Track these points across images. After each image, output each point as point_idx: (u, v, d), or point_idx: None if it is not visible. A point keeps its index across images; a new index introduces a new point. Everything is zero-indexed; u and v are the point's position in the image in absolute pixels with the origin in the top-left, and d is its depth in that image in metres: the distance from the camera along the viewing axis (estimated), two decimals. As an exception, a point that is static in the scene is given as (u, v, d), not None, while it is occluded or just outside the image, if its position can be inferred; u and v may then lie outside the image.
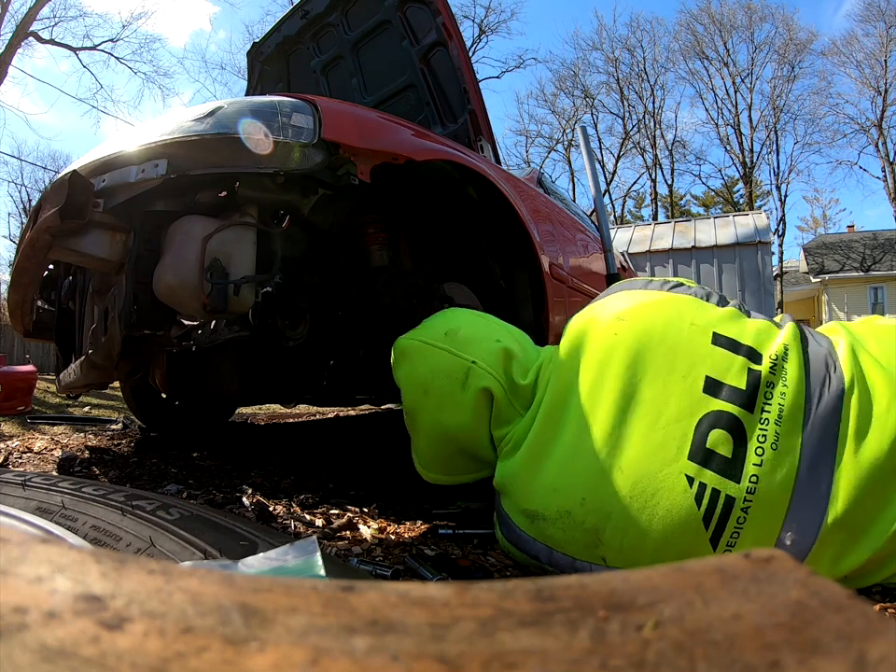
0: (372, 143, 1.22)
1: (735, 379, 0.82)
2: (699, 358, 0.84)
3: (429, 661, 0.16)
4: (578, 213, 3.21)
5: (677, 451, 0.79)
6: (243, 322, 1.35)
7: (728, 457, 0.78)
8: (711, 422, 0.80)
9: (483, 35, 22.08)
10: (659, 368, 0.84)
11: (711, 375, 0.82)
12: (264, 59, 2.83)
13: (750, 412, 0.80)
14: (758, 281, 8.47)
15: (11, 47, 12.91)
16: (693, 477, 0.77)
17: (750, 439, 0.78)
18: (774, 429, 0.79)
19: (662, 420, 0.81)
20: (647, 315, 0.91)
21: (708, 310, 0.92)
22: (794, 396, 0.81)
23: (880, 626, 0.17)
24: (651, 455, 0.80)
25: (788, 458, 0.77)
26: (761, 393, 0.81)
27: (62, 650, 0.16)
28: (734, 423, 0.79)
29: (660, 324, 0.89)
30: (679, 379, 0.83)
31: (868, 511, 0.76)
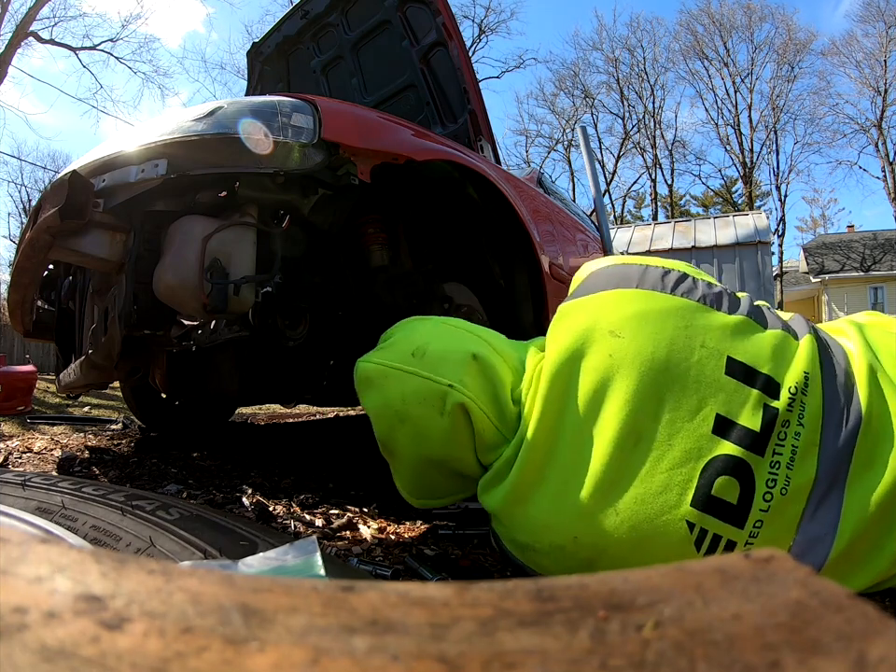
0: (372, 143, 1.22)
1: (748, 418, 0.73)
2: (710, 392, 0.74)
3: (429, 661, 0.16)
4: (578, 213, 3.21)
5: (679, 497, 0.73)
6: (243, 322, 1.35)
7: (733, 504, 0.72)
8: (718, 467, 0.73)
9: (483, 35, 22.09)
10: (663, 401, 0.75)
11: (723, 413, 0.74)
12: (264, 59, 2.84)
13: (761, 455, 0.73)
14: (758, 281, 8.47)
15: (11, 47, 12.91)
16: (695, 523, 0.72)
17: (759, 483, 0.72)
18: (785, 474, 0.73)
19: (665, 462, 0.74)
20: (648, 332, 0.77)
21: (719, 322, 0.79)
22: (810, 435, 0.74)
23: (880, 626, 0.17)
24: (652, 499, 0.73)
25: (796, 501, 0.73)
26: (774, 434, 0.73)
27: (62, 650, 0.16)
28: (742, 468, 0.73)
29: (664, 345, 0.76)
30: (687, 416, 0.74)
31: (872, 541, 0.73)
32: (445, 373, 0.83)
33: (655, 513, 0.73)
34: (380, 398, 0.87)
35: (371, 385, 0.88)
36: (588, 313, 0.83)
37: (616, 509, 0.74)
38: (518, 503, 0.81)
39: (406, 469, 0.94)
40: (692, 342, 0.77)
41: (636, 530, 0.73)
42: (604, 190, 20.16)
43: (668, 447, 0.74)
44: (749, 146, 22.14)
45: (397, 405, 0.85)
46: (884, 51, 20.04)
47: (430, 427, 0.84)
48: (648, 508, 0.73)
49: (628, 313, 0.79)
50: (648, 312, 0.79)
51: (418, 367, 0.84)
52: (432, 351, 0.85)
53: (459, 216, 1.63)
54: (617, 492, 0.74)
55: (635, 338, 0.77)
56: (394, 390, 0.85)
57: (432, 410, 0.83)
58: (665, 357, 0.76)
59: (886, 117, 20.19)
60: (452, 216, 1.65)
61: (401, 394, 0.84)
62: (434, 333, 0.90)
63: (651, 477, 0.74)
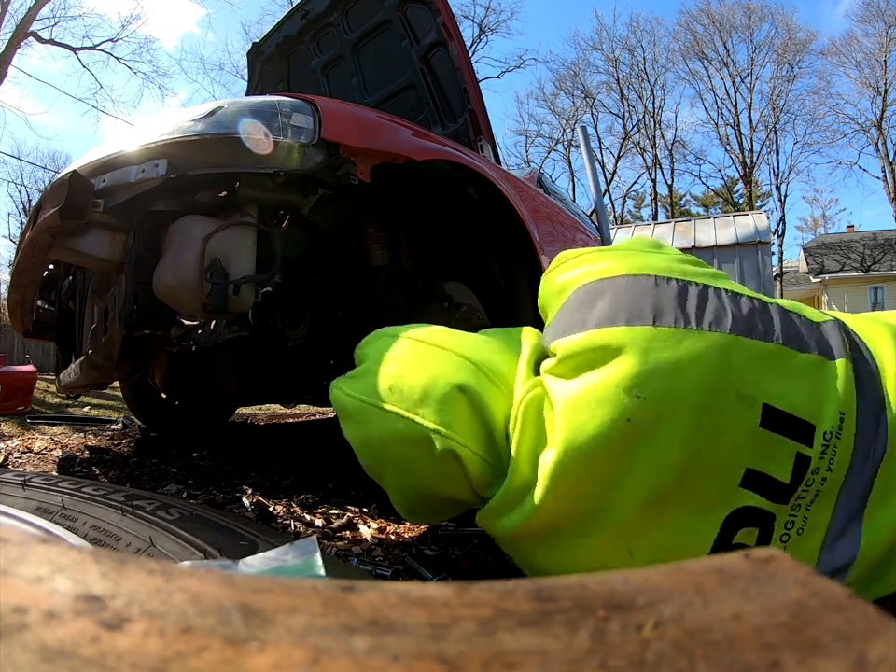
0: (372, 143, 1.23)
1: (779, 470, 0.67)
2: (743, 447, 0.67)
3: (429, 661, 0.16)
4: (578, 213, 3.21)
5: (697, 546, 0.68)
6: (243, 322, 1.35)
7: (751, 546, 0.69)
8: (741, 518, 0.68)
9: (483, 35, 22.10)
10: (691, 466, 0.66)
11: (753, 468, 0.67)
12: (265, 59, 2.84)
13: (785, 503, 0.68)
14: (758, 281, 8.47)
15: (11, 47, 12.92)
16: None
17: (777, 527, 0.69)
18: (803, 515, 0.69)
19: (685, 516, 0.68)
20: (677, 391, 0.64)
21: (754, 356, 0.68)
22: (835, 478, 0.69)
23: (880, 626, 0.17)
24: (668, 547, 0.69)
25: (813, 536, 0.70)
26: (803, 482, 0.68)
27: (62, 650, 0.16)
28: (764, 517, 0.68)
29: (696, 404, 0.65)
30: (715, 474, 0.67)
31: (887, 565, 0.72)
32: (428, 414, 0.71)
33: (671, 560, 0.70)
34: (360, 433, 0.77)
35: (349, 419, 0.78)
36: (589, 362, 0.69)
37: (631, 552, 0.70)
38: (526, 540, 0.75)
39: (398, 496, 0.86)
40: (726, 394, 0.66)
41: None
42: (604, 190, 20.15)
43: (693, 503, 0.68)
44: (749, 146, 22.17)
45: (378, 444, 0.76)
46: (884, 51, 20.05)
47: (417, 467, 0.75)
48: (664, 555, 0.69)
49: (648, 365, 0.65)
50: (676, 362, 0.65)
51: (397, 405, 0.72)
52: (410, 384, 0.73)
53: (459, 216, 1.63)
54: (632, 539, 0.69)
55: (659, 399, 0.64)
56: (374, 430, 0.75)
57: (419, 450, 0.73)
58: (698, 419, 0.65)
59: (886, 117, 20.22)
60: (452, 216, 1.65)
61: (381, 434, 0.74)
62: (411, 359, 0.76)
63: (671, 528, 0.69)
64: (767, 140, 22.06)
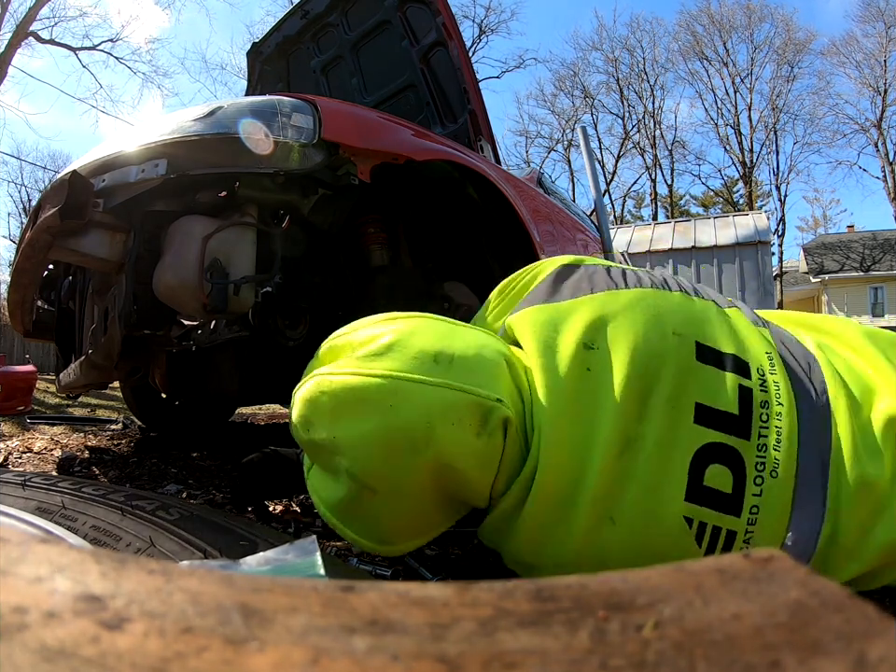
0: (372, 143, 1.23)
1: (725, 403, 0.72)
2: (687, 381, 0.72)
3: (429, 661, 0.16)
4: (578, 213, 3.21)
5: (672, 493, 0.70)
6: (243, 322, 1.35)
7: (727, 493, 0.71)
8: (706, 457, 0.71)
9: (483, 35, 22.11)
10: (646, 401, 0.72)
11: (701, 402, 0.72)
12: (264, 59, 2.84)
13: (747, 438, 0.72)
14: (758, 281, 8.47)
15: (11, 47, 12.92)
16: (692, 518, 0.70)
17: (749, 468, 0.71)
18: (773, 456, 0.71)
19: (653, 462, 0.71)
20: (621, 335, 0.74)
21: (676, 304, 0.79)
22: (789, 415, 0.73)
23: (880, 626, 0.17)
24: (646, 502, 0.71)
25: (786, 483, 0.72)
26: (756, 416, 0.72)
27: (62, 650, 0.16)
28: (731, 454, 0.71)
29: (641, 342, 0.73)
30: (668, 410, 0.71)
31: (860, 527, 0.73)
32: (485, 384, 0.67)
33: (651, 515, 0.71)
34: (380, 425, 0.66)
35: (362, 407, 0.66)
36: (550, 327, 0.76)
37: (613, 518, 0.71)
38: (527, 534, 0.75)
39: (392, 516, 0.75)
40: (664, 330, 0.75)
41: (635, 536, 0.71)
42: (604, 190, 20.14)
43: (655, 446, 0.71)
44: (748, 146, 22.17)
45: (415, 429, 0.65)
46: (884, 51, 20.05)
47: (460, 452, 0.67)
48: (643, 511, 0.71)
49: (595, 320, 0.75)
50: (615, 313, 0.76)
51: (447, 377, 0.66)
52: (461, 355, 0.68)
53: (459, 215, 1.64)
54: (612, 502, 0.71)
55: (610, 345, 0.74)
56: (412, 411, 0.65)
57: (466, 431, 0.66)
58: (644, 353, 0.73)
59: (886, 117, 20.22)
60: (452, 215, 1.65)
61: (426, 414, 0.65)
62: (445, 332, 0.73)
63: (642, 479, 0.71)
64: (767, 140, 22.08)
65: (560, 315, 0.78)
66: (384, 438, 0.66)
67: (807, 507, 0.73)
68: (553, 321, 0.77)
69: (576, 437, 0.71)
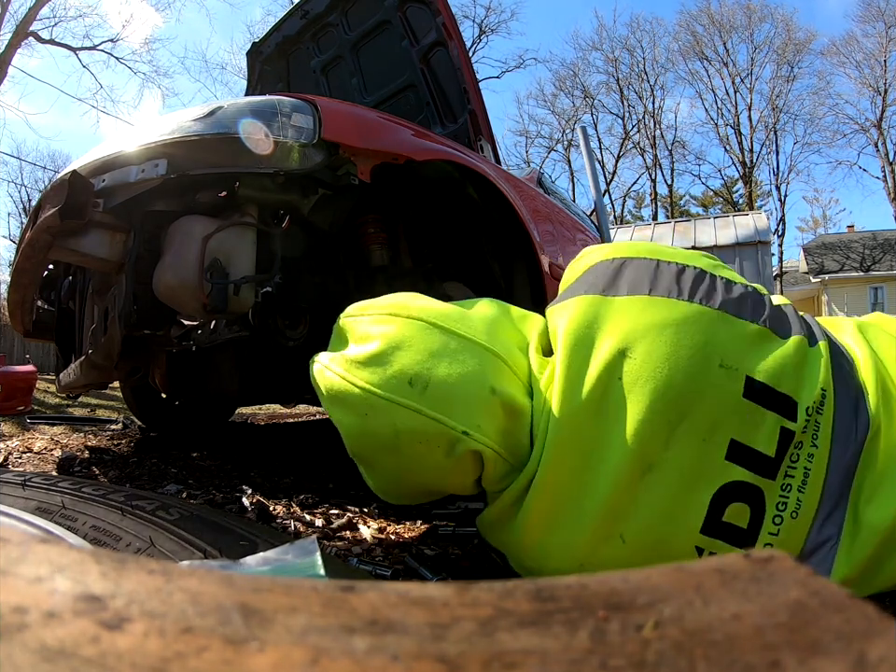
0: (372, 143, 1.23)
1: (763, 443, 0.70)
2: (726, 417, 0.70)
3: (429, 661, 0.16)
4: (578, 213, 3.21)
5: (689, 524, 0.70)
6: (243, 322, 1.35)
7: (744, 528, 0.70)
8: (730, 493, 0.69)
9: (483, 35, 22.12)
10: (676, 429, 0.69)
11: (738, 439, 0.69)
12: (264, 59, 2.84)
13: (772, 479, 0.70)
14: (758, 281, 8.40)
15: (11, 47, 12.92)
16: (704, 548, 0.70)
17: (769, 507, 0.70)
18: (796, 497, 0.70)
19: (675, 491, 0.70)
20: (663, 353, 0.69)
21: (740, 334, 0.73)
22: (821, 457, 0.71)
23: (880, 626, 0.17)
24: (660, 527, 0.70)
25: (804, 522, 0.71)
26: (787, 456, 0.70)
27: (62, 650, 0.16)
28: (753, 493, 0.70)
29: (681, 367, 0.69)
30: (700, 443, 0.69)
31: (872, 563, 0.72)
32: (457, 415, 0.68)
33: (663, 540, 0.71)
34: (358, 423, 0.72)
35: (344, 406, 0.73)
36: (592, 324, 0.73)
37: (623, 537, 0.71)
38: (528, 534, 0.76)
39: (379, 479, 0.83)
40: (710, 361, 0.70)
41: (642, 557, 0.70)
42: (604, 190, 20.14)
43: (679, 476, 0.69)
44: (748, 146, 22.18)
45: (385, 438, 0.71)
46: (884, 51, 20.05)
47: (427, 464, 0.72)
48: (655, 535, 0.70)
49: (640, 327, 0.71)
50: (663, 326, 0.71)
51: (419, 402, 0.67)
52: (438, 382, 0.68)
53: (459, 215, 1.63)
54: (624, 521, 0.71)
55: (648, 359, 0.69)
56: (383, 425, 0.69)
57: (434, 452, 0.70)
58: (682, 380, 0.69)
59: (886, 117, 20.23)
60: (452, 215, 1.65)
61: (395, 430, 0.69)
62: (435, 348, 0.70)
63: (661, 505, 0.70)
64: (767, 140, 22.08)
65: (608, 312, 0.74)
66: (360, 433, 0.74)
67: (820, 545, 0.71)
68: (596, 316, 0.74)
69: (589, 442, 0.70)
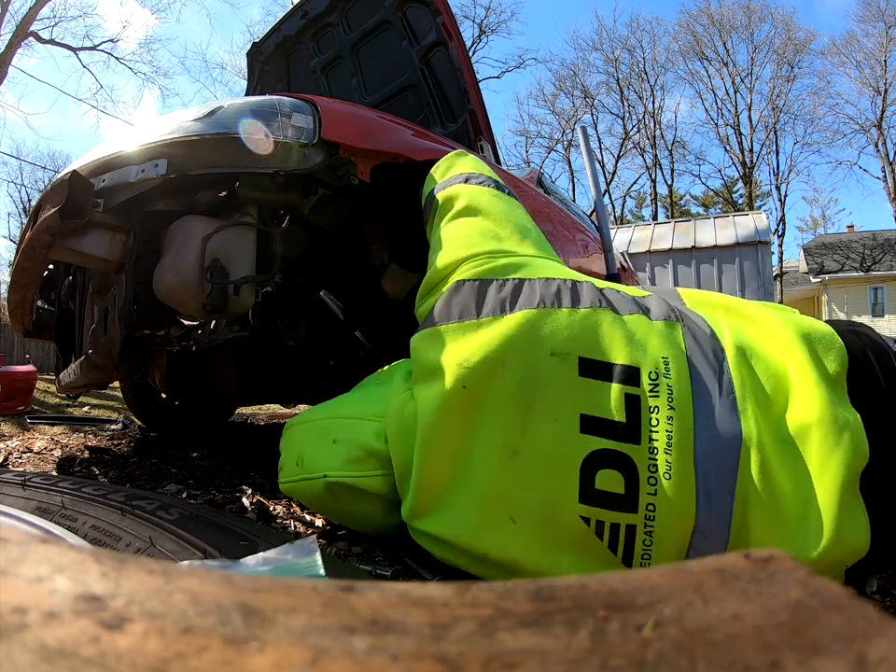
0: (372, 143, 1.23)
1: (612, 412, 0.75)
2: (569, 395, 0.76)
3: (429, 661, 0.16)
4: (578, 213, 3.21)
5: (565, 497, 0.74)
6: (243, 322, 1.35)
7: (621, 493, 0.73)
8: (596, 462, 0.74)
9: (483, 35, 22.14)
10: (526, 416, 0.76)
11: (586, 413, 0.75)
12: (264, 59, 2.84)
13: (637, 443, 0.74)
14: (758, 281, 8.47)
15: (11, 47, 12.92)
16: (589, 517, 0.74)
17: (641, 470, 0.73)
18: (664, 458, 0.73)
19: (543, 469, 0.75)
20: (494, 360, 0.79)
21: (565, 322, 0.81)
22: (681, 418, 0.74)
23: (880, 626, 0.17)
24: (541, 505, 0.75)
25: (683, 482, 0.73)
26: (644, 420, 0.74)
27: (62, 650, 0.16)
28: (620, 459, 0.74)
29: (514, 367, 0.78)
30: (551, 423, 0.76)
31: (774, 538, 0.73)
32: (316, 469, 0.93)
33: (548, 516, 0.75)
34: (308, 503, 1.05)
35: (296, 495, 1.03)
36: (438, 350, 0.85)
37: (514, 519, 0.76)
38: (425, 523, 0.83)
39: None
40: (540, 354, 0.78)
41: (538, 534, 0.75)
42: (604, 190, 20.11)
43: (543, 455, 0.75)
44: (748, 146, 22.17)
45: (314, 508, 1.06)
46: (884, 51, 20.05)
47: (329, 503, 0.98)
48: (539, 512, 0.75)
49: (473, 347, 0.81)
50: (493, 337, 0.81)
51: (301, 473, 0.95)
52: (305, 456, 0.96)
53: (459, 216, 1.63)
54: (509, 504, 0.76)
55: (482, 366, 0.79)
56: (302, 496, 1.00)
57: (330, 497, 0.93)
58: (518, 377, 0.78)
59: (886, 117, 20.23)
60: (452, 216, 1.64)
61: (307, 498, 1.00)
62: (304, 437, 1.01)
63: (534, 485, 0.75)
64: (767, 140, 22.08)
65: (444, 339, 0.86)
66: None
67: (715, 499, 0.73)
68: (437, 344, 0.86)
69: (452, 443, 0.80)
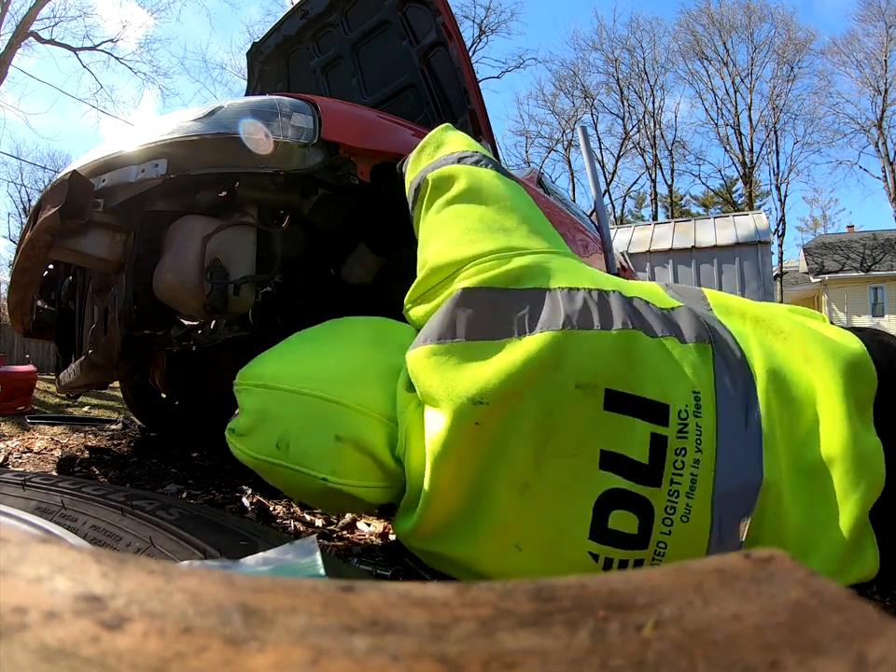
0: (372, 143, 1.23)
1: (635, 451, 0.69)
2: (591, 431, 0.70)
3: (429, 661, 0.16)
4: (578, 213, 3.22)
5: (576, 532, 0.71)
6: (243, 322, 1.35)
7: (634, 534, 0.70)
8: (611, 501, 0.70)
9: (483, 35, 22.13)
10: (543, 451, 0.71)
11: (606, 448, 0.70)
12: (264, 59, 2.84)
13: (657, 486, 0.69)
14: (758, 281, 8.46)
15: (11, 47, 12.92)
16: (598, 554, 0.71)
17: (657, 512, 0.70)
18: (685, 502, 0.69)
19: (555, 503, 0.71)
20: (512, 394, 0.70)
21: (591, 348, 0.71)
22: (708, 461, 0.70)
23: (880, 626, 0.17)
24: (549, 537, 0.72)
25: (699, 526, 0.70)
26: (668, 463, 0.69)
27: (62, 650, 0.16)
28: (637, 501, 0.69)
29: (532, 402, 0.70)
30: (569, 458, 0.71)
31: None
32: (314, 466, 0.79)
33: (555, 548, 0.72)
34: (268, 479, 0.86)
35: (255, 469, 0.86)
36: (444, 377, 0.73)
37: (519, 546, 0.73)
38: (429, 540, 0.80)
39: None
40: (563, 386, 0.70)
41: (542, 564, 0.73)
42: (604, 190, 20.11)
43: (555, 490, 0.71)
44: (748, 146, 22.17)
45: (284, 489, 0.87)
46: (884, 51, 20.05)
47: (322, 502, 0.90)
48: (547, 544, 0.72)
49: (487, 376, 0.71)
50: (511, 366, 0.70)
51: (285, 460, 0.80)
52: (294, 440, 0.80)
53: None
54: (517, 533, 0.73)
55: (501, 402, 0.70)
56: (273, 479, 0.85)
57: (314, 492, 0.82)
58: (537, 411, 0.70)
59: (886, 116, 20.22)
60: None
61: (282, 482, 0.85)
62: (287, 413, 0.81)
63: (544, 518, 0.72)
64: (767, 140, 22.08)
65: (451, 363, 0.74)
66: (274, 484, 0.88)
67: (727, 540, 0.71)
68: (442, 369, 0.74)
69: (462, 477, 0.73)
